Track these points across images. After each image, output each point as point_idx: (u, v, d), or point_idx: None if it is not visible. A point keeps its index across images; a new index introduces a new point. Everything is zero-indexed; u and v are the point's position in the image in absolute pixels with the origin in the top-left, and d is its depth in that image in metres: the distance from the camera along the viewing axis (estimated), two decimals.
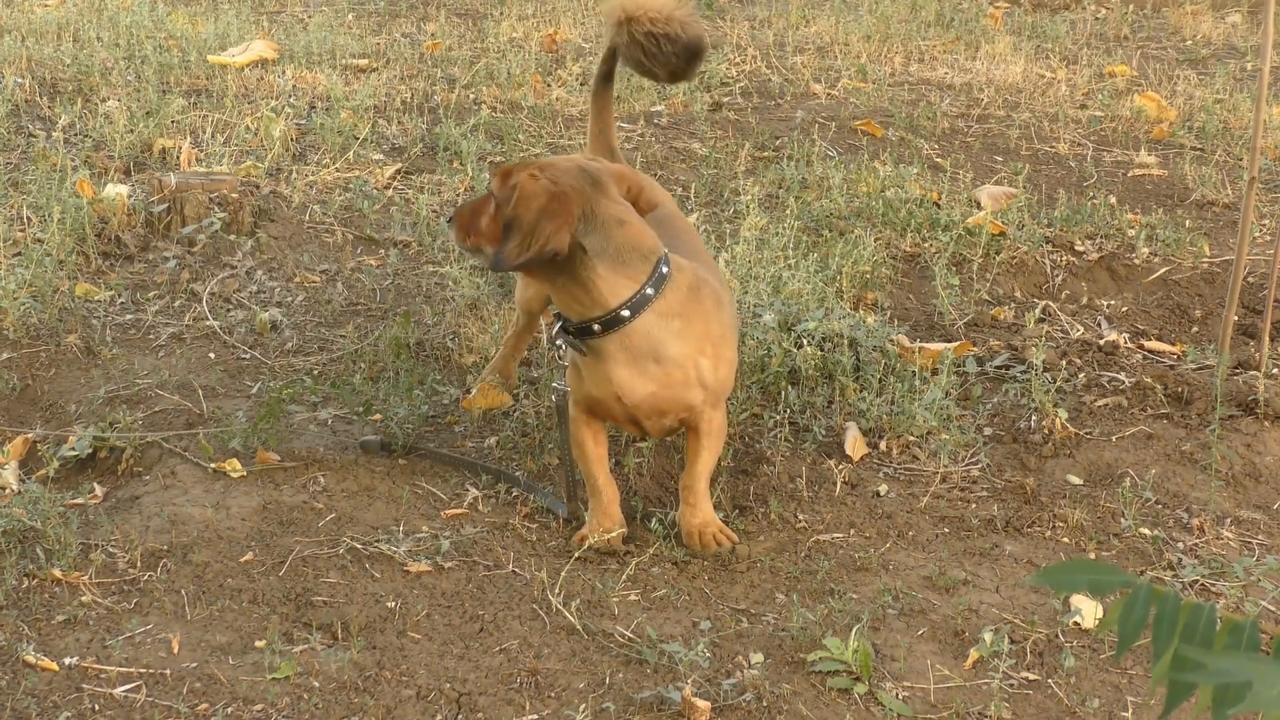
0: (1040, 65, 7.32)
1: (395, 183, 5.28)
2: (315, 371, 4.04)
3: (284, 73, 6.34)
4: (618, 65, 3.78)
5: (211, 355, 4.12)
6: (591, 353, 3.20)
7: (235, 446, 3.54)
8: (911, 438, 3.79)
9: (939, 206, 5.16)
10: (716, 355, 3.25)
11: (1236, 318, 4.41)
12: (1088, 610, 3.15)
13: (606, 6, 3.64)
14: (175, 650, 2.89)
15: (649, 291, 3.16)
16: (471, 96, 6.23)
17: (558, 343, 3.25)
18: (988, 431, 3.87)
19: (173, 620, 2.98)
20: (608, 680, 2.87)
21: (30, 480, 3.45)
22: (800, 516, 3.45)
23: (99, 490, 3.44)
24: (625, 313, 3.15)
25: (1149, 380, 4.06)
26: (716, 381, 3.25)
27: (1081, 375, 4.14)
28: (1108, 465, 3.73)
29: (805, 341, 3.99)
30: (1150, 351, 4.37)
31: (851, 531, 3.43)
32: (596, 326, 3.17)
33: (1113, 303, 4.73)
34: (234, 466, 3.46)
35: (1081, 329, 4.50)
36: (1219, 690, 1.36)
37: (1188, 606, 1.44)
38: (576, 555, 3.23)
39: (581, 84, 6.45)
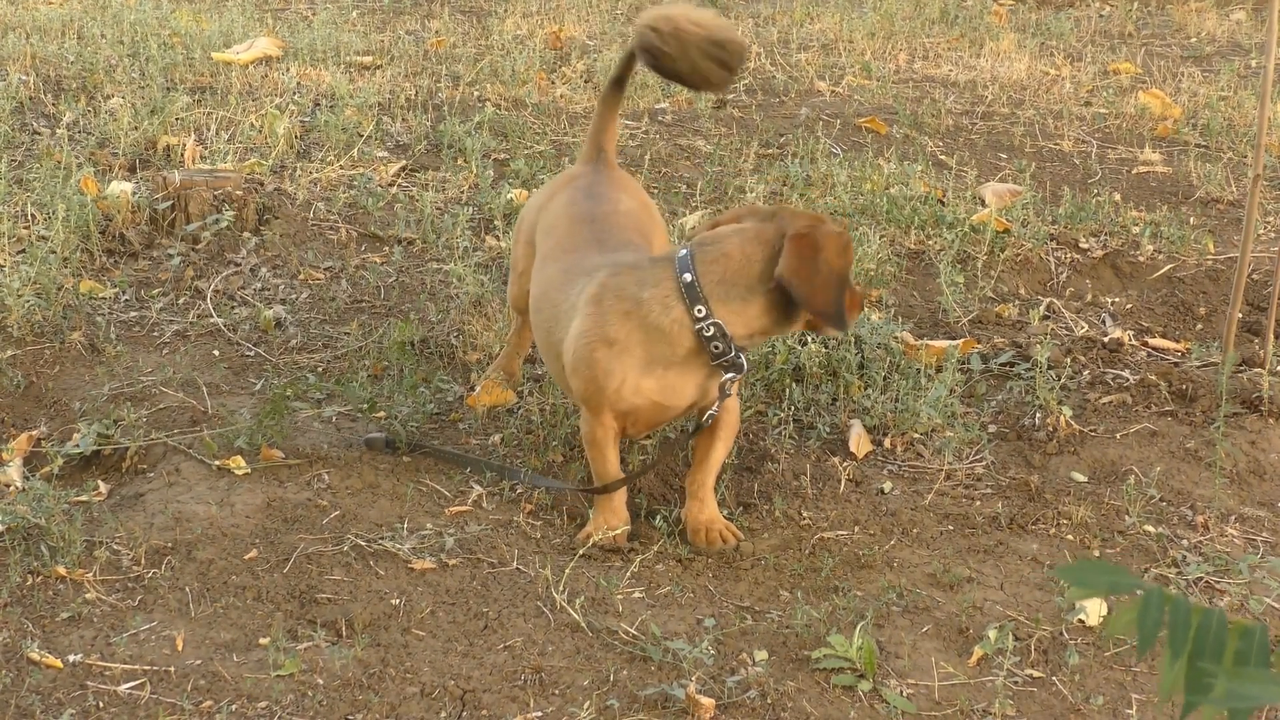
0: (1044, 62, 7.32)
1: (399, 180, 5.28)
2: (319, 369, 4.04)
3: (288, 70, 6.34)
4: (632, 71, 3.79)
5: (216, 352, 4.13)
6: None
7: (239, 444, 3.54)
8: (916, 435, 3.79)
9: (943, 204, 5.16)
10: None
11: (1241, 315, 4.41)
12: (1092, 608, 3.15)
13: (651, 17, 3.63)
14: (179, 647, 2.89)
15: None
16: (476, 93, 6.23)
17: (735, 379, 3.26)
18: (992, 429, 3.87)
19: (177, 617, 2.98)
20: (612, 677, 2.87)
21: (34, 477, 3.45)
22: (804, 514, 3.45)
23: (103, 487, 3.44)
24: None
25: (1153, 378, 4.06)
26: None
27: (1086, 372, 4.14)
28: (1112, 462, 3.73)
29: (809, 339, 3.99)
30: (1154, 349, 4.37)
31: (856, 529, 3.43)
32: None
33: (1117, 300, 4.73)
34: (238, 464, 3.46)
35: (1086, 326, 4.49)
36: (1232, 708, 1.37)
37: (1197, 611, 1.45)
38: (581, 552, 3.23)
39: (586, 81, 6.45)
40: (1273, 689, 1.25)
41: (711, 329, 3.14)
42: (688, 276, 3.14)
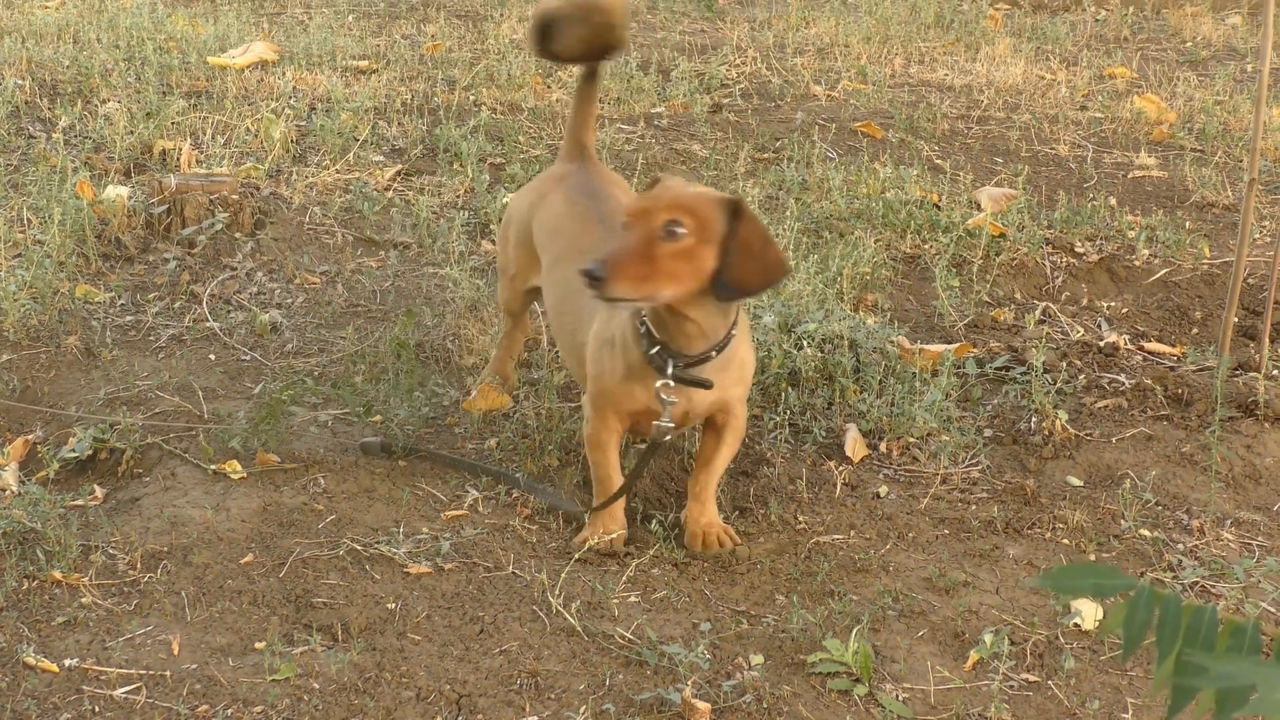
0: (1040, 67, 7.33)
1: (395, 184, 5.28)
2: (315, 373, 4.04)
3: (284, 74, 6.34)
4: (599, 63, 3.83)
5: (211, 357, 4.12)
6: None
7: (235, 448, 3.54)
8: (911, 439, 3.79)
9: (939, 208, 5.16)
10: (750, 347, 3.28)
11: (1236, 319, 4.41)
12: (1088, 612, 3.15)
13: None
14: (175, 652, 2.89)
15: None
16: (471, 98, 6.23)
17: (670, 384, 3.14)
18: (988, 433, 3.87)
19: (173, 622, 2.98)
20: (608, 682, 2.87)
21: (30, 482, 3.45)
22: (800, 518, 3.45)
23: (99, 492, 3.44)
24: (734, 332, 3.16)
25: (1149, 382, 4.06)
26: (751, 373, 3.30)
27: (1081, 377, 4.14)
28: (1108, 467, 3.73)
29: (805, 343, 3.99)
30: (1150, 353, 4.37)
31: (851, 533, 3.43)
32: (714, 353, 3.14)
33: (1113, 304, 4.73)
34: (234, 468, 3.46)
35: (1081, 330, 4.50)
36: (1221, 694, 1.37)
37: (1189, 609, 1.45)
38: (577, 557, 3.23)
39: None
40: (1260, 671, 1.26)
41: (643, 325, 3.16)
42: None
